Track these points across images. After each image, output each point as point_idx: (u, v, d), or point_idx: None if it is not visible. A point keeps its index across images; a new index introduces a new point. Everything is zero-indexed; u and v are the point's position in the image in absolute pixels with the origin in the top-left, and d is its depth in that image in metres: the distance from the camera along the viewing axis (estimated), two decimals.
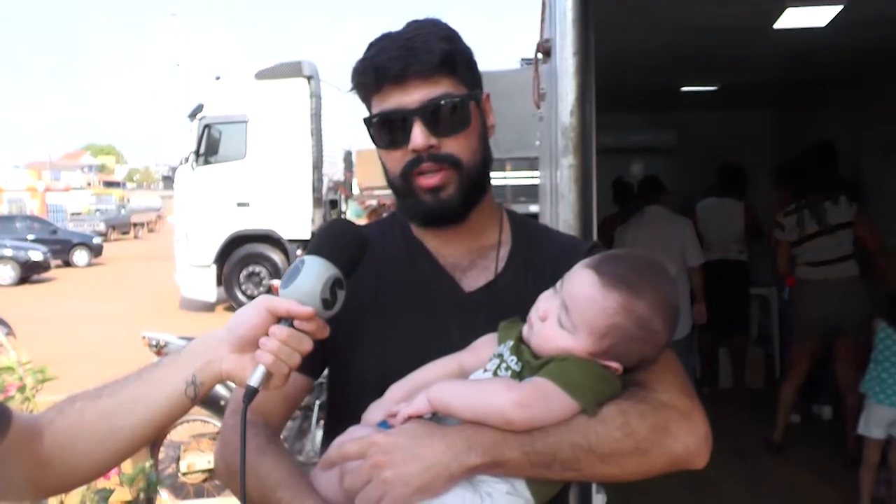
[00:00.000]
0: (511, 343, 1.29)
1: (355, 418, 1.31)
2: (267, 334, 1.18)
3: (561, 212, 2.34)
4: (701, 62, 6.34)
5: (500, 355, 1.29)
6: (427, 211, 1.43)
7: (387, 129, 1.41)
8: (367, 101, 1.45)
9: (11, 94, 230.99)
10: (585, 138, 2.32)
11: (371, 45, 1.43)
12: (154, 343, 5.14)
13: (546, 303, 1.29)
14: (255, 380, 1.17)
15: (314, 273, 1.21)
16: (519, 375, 1.25)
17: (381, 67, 1.38)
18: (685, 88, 7.66)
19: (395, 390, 1.31)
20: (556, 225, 2.46)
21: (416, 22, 1.44)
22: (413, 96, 1.38)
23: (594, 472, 1.23)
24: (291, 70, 14.26)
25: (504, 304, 1.37)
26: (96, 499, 3.22)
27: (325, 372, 1.53)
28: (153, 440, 1.15)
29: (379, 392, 1.33)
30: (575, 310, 1.25)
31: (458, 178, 1.42)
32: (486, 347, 1.34)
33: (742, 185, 7.11)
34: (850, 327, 5.43)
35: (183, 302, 15.22)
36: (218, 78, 14.84)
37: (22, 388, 3.32)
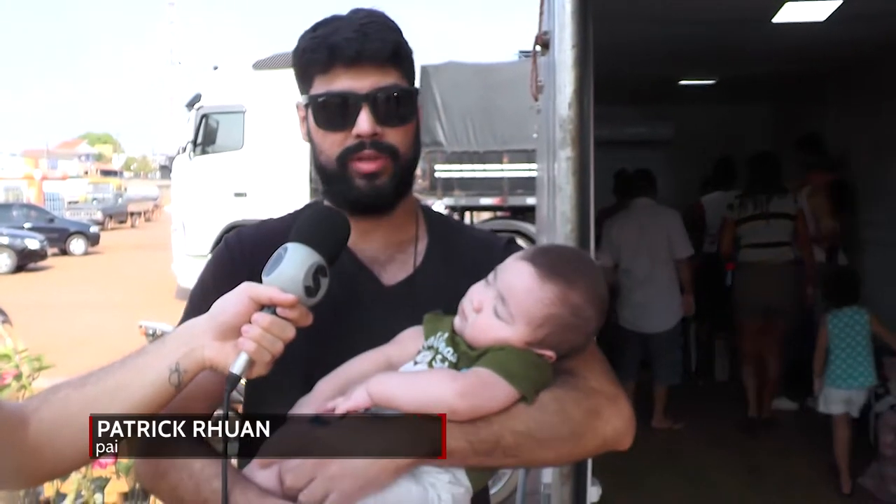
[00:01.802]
0: (446, 335, 1.31)
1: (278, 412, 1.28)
2: (250, 322, 1.19)
3: (558, 204, 2.34)
4: (699, 56, 6.34)
5: (434, 347, 1.31)
6: (359, 196, 1.42)
7: (332, 111, 1.41)
8: (308, 78, 1.45)
9: (8, 82, 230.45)
10: (583, 131, 2.32)
11: (320, 25, 1.43)
12: (151, 332, 5.13)
13: (480, 294, 1.32)
14: (237, 367, 1.18)
15: (297, 260, 1.21)
16: (456, 366, 1.28)
17: (335, 47, 1.38)
18: (683, 82, 7.66)
19: (324, 385, 1.30)
20: (553, 217, 2.47)
21: (363, 9, 1.44)
22: (364, 82, 1.38)
23: (532, 457, 1.29)
24: (289, 60, 13.90)
25: (424, 298, 1.39)
26: (92, 488, 3.23)
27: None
28: None
29: (303, 387, 1.32)
30: (512, 301, 1.29)
31: (394, 168, 1.42)
32: (411, 340, 1.35)
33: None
34: (782, 309, 5.95)
35: (179, 291, 15.17)
36: (216, 68, 14.79)
37: (18, 376, 3.32)
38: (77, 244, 27.14)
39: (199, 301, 1.35)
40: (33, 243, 22.47)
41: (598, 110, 2.59)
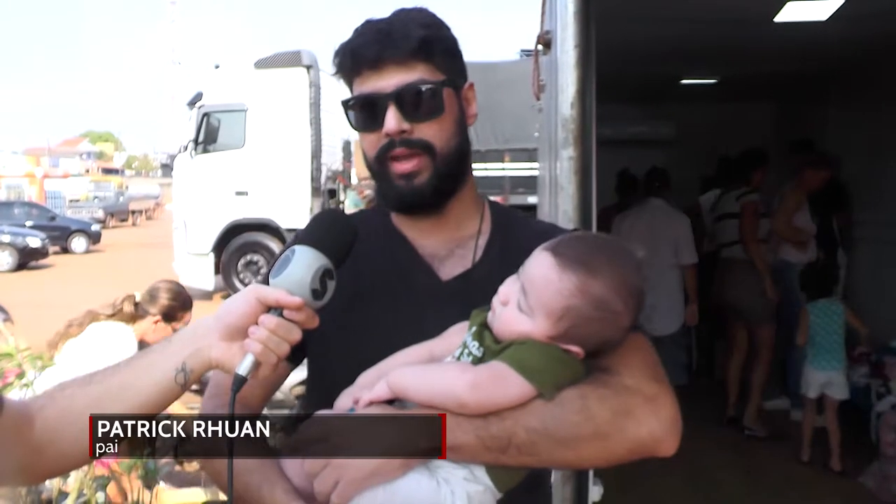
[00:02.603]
0: (475, 329, 1.29)
1: (331, 406, 1.32)
2: (256, 323, 1.19)
3: (560, 203, 2.35)
4: (701, 55, 6.34)
5: (465, 342, 1.29)
6: (400, 196, 1.44)
7: (363, 113, 1.43)
8: (349, 83, 1.46)
9: (10, 80, 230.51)
10: (585, 130, 2.33)
11: (354, 31, 1.45)
12: None
13: (508, 287, 1.28)
14: (243, 368, 1.18)
15: (304, 263, 1.21)
16: (480, 360, 1.25)
17: (357, 53, 1.40)
18: (685, 81, 7.66)
19: (366, 377, 1.31)
20: (555, 216, 2.47)
21: (401, 9, 1.45)
22: (389, 81, 1.39)
23: (552, 457, 1.22)
24: (291, 59, 14.22)
25: (480, 293, 1.36)
26: (94, 486, 3.23)
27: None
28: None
29: (354, 380, 1.33)
30: (532, 292, 1.23)
31: (432, 164, 1.42)
32: (457, 335, 1.34)
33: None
34: (742, 309, 6.12)
35: None
36: (217, 67, 14.80)
37: (21, 375, 3.32)
38: (78, 242, 27.14)
39: None
40: (35, 241, 22.47)
41: (599, 109, 2.59)
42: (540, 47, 2.88)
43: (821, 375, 5.29)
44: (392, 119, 1.38)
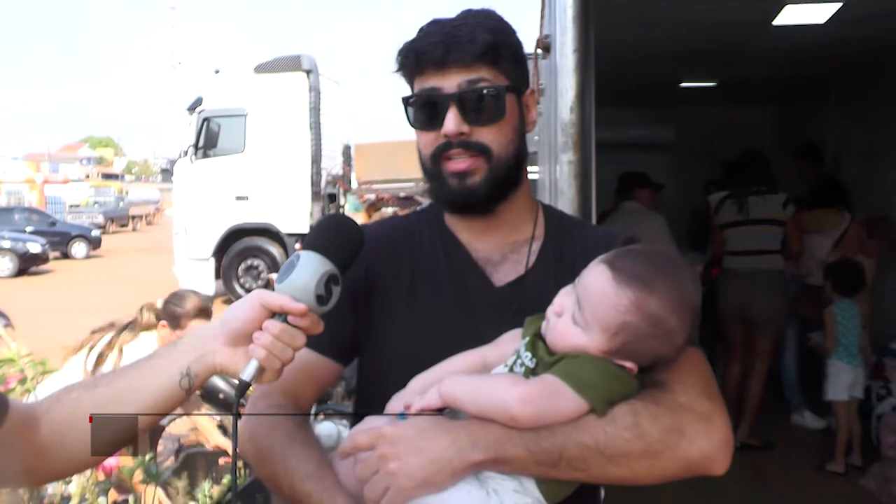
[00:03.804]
0: (528, 339, 1.28)
1: (381, 407, 1.32)
2: (261, 329, 1.19)
3: (560, 207, 2.35)
4: (700, 58, 6.35)
5: (518, 352, 1.28)
6: (452, 196, 1.43)
7: (423, 111, 1.42)
8: (409, 82, 1.46)
9: (10, 85, 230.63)
10: (585, 134, 2.34)
11: (420, 30, 1.44)
12: None
13: (563, 298, 1.26)
14: (247, 374, 1.19)
15: (309, 269, 1.21)
16: (533, 372, 1.23)
17: (422, 52, 1.40)
18: (684, 84, 7.66)
19: (417, 382, 1.31)
20: None
21: (468, 11, 1.45)
22: (451, 81, 1.38)
23: (603, 473, 1.21)
24: (290, 64, 14.24)
25: (533, 300, 1.35)
26: (96, 491, 3.23)
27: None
28: (149, 430, 1.18)
29: (406, 382, 1.33)
30: (588, 306, 1.22)
31: (487, 167, 1.41)
32: (510, 342, 1.32)
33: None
34: (763, 321, 5.75)
35: None
36: (217, 71, 14.82)
37: (23, 381, 3.32)
38: (79, 248, 27.13)
39: None
40: (35, 247, 22.46)
41: (598, 113, 2.60)
42: (539, 51, 2.88)
43: (849, 375, 5.26)
44: (452, 120, 1.38)
